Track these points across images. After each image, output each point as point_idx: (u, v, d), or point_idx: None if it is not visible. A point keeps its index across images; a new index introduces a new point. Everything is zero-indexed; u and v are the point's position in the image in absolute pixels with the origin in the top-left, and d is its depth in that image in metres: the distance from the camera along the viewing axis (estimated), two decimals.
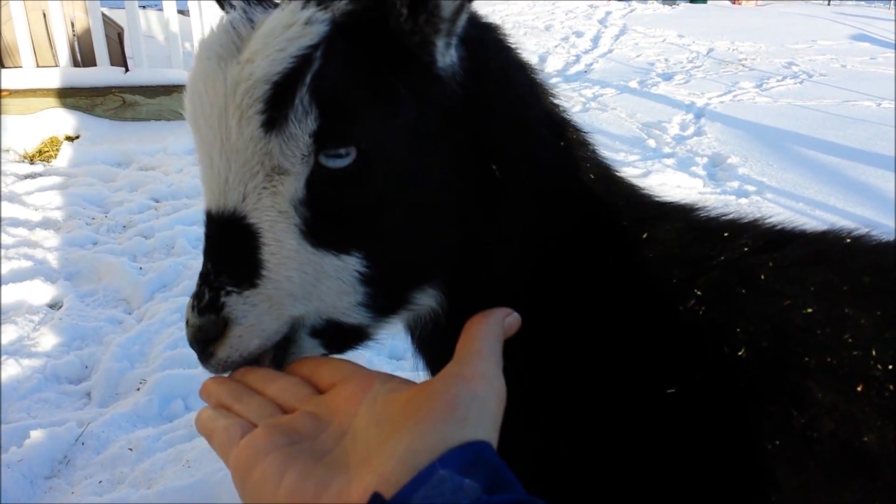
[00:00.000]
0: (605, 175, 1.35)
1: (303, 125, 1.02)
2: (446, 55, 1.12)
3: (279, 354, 1.13)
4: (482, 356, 0.93)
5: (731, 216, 1.34)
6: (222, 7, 1.22)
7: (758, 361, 1.13)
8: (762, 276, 1.20)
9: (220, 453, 0.96)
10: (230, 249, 1.08)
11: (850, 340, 1.11)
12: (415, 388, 0.90)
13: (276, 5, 1.14)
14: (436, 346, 1.30)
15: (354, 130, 1.04)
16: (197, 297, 1.09)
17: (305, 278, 1.09)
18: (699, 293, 1.20)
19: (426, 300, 1.22)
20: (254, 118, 1.04)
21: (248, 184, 1.06)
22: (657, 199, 1.38)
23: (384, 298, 1.16)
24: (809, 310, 1.15)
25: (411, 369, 1.37)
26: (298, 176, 1.06)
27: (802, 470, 1.08)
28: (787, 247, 1.25)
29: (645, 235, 1.28)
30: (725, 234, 1.28)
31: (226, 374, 1.11)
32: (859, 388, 1.08)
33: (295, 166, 1.05)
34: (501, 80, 1.22)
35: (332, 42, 1.05)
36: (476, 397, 0.85)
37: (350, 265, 1.10)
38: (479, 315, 1.01)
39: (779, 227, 1.32)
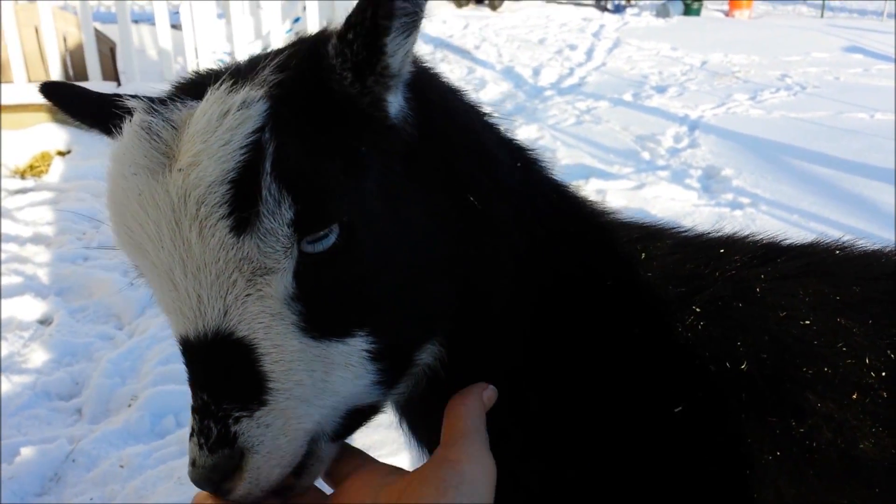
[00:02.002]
0: (566, 194, 1.34)
1: (278, 217, 0.94)
2: (395, 103, 1.07)
3: (297, 469, 1.05)
4: (467, 437, 0.96)
5: (717, 234, 1.35)
6: (109, 133, 1.11)
7: (759, 374, 1.13)
8: (757, 290, 1.20)
9: None
10: (225, 372, 0.98)
11: (844, 349, 1.12)
12: (409, 476, 0.94)
13: (181, 100, 1.03)
14: (427, 405, 1.22)
15: (332, 207, 0.97)
16: (202, 433, 0.97)
17: (316, 376, 1.00)
18: (698, 309, 1.20)
19: (427, 358, 1.16)
20: (218, 225, 0.94)
21: (227, 297, 0.97)
22: (624, 215, 1.38)
23: (394, 370, 1.10)
24: (806, 321, 1.15)
25: None
26: (285, 272, 0.97)
27: (802, 479, 1.08)
28: (779, 259, 1.25)
29: (643, 256, 1.27)
30: (721, 251, 1.28)
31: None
32: (854, 397, 1.09)
33: (279, 262, 0.96)
34: (446, 111, 1.19)
35: (278, 119, 0.97)
36: (464, 479, 0.89)
37: (357, 347, 1.02)
38: (458, 395, 1.04)
39: (768, 240, 1.32)
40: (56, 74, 8.60)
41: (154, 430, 3.65)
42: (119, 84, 8.72)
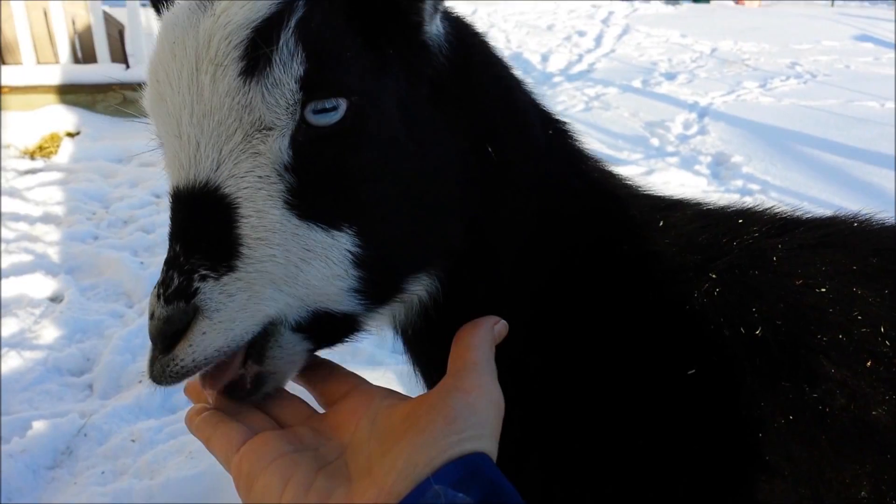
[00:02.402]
0: (598, 166, 1.36)
1: (288, 68, 0.93)
2: (433, 22, 1.07)
3: (256, 353, 1.01)
4: (477, 367, 0.93)
5: (736, 206, 1.36)
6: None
7: (773, 339, 1.14)
8: (774, 259, 1.21)
9: (219, 457, 0.94)
10: (203, 227, 0.95)
11: (859, 318, 1.12)
12: (413, 402, 0.90)
13: None
14: (427, 343, 1.25)
15: (344, 79, 0.96)
16: (163, 284, 0.94)
17: (290, 258, 0.97)
18: (714, 276, 1.20)
19: (419, 289, 1.15)
20: (230, 67, 0.94)
21: (223, 147, 0.95)
22: (653, 190, 1.39)
23: (378, 284, 1.06)
24: (822, 289, 1.15)
25: None
26: (283, 132, 0.95)
27: (814, 444, 1.08)
28: (797, 230, 1.26)
29: (661, 224, 1.28)
30: (739, 221, 1.29)
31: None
32: (868, 364, 1.09)
33: (280, 118, 0.95)
34: (486, 61, 1.20)
35: None
36: (474, 409, 0.86)
37: (341, 243, 0.99)
38: (469, 325, 0.99)
39: (788, 213, 1.33)
40: (65, 56, 8.62)
41: (165, 406, 3.67)
42: (128, 66, 8.71)
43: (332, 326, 1.06)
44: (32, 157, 7.67)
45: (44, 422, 3.41)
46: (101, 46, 8.72)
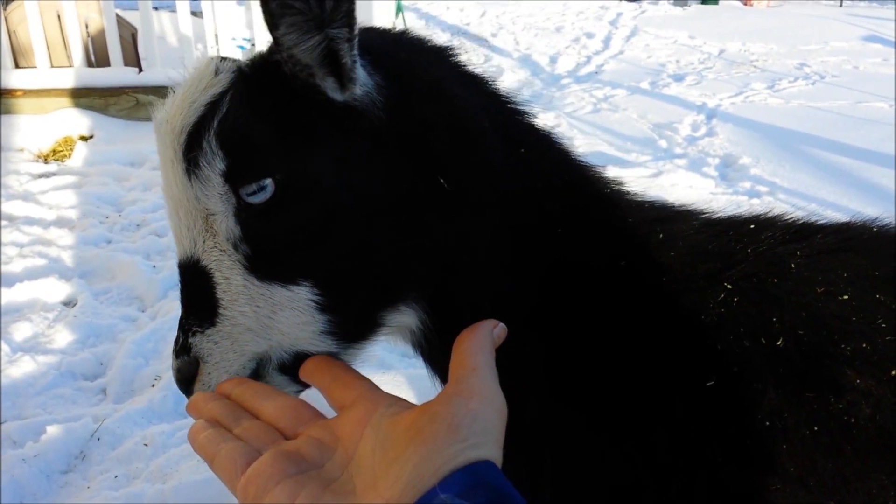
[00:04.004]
0: (585, 176, 1.35)
1: (212, 167, 1.09)
2: (351, 88, 1.12)
3: None
4: (477, 373, 0.92)
5: (745, 213, 1.35)
6: None
7: (796, 350, 1.13)
8: (792, 266, 1.20)
9: (224, 480, 0.95)
10: (193, 293, 1.16)
11: (883, 326, 1.12)
12: (416, 411, 0.90)
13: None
14: (438, 357, 1.30)
15: (262, 164, 1.09)
16: (176, 341, 1.17)
17: (260, 312, 1.13)
18: (729, 286, 1.20)
19: (404, 319, 1.22)
20: (179, 166, 1.12)
21: (193, 230, 1.14)
22: (647, 197, 1.38)
23: (349, 324, 1.18)
24: (844, 297, 1.15)
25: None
26: (225, 214, 1.12)
27: (839, 455, 1.08)
28: (815, 236, 1.25)
29: (661, 236, 1.27)
30: (751, 227, 1.28)
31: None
32: (893, 373, 1.09)
33: (218, 206, 1.11)
34: (433, 97, 1.22)
35: (237, 87, 1.13)
36: (476, 416, 0.85)
37: (301, 295, 1.13)
38: (467, 331, 1.00)
39: (802, 219, 1.32)
40: (78, 60, 8.66)
41: (177, 410, 3.69)
42: (140, 70, 8.76)
43: None
44: (46, 160, 7.71)
45: (57, 426, 3.43)
46: (114, 50, 8.75)
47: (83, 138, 8.07)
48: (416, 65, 1.25)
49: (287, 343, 1.16)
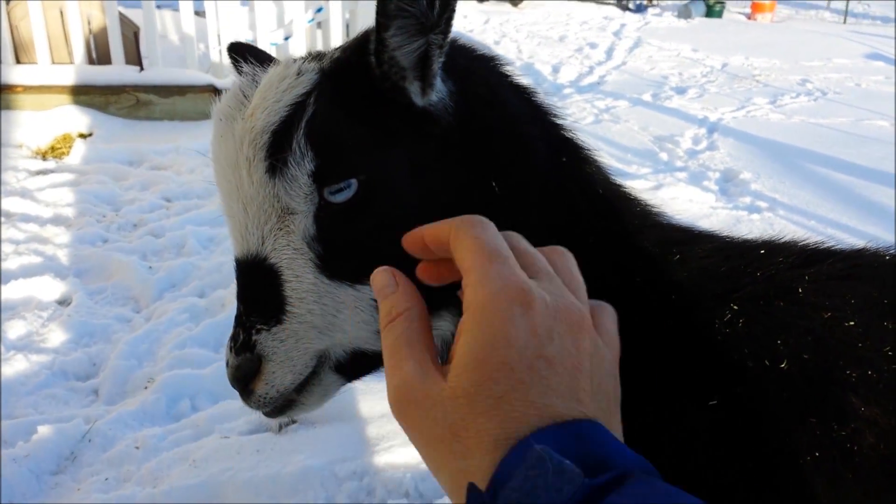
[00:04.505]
0: (616, 192, 1.36)
1: (301, 167, 1.11)
2: (429, 94, 1.17)
3: (300, 389, 1.21)
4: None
5: (763, 238, 1.34)
6: (237, 70, 1.35)
7: (800, 374, 1.12)
8: (800, 290, 1.20)
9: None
10: (257, 290, 1.17)
11: (889, 353, 1.11)
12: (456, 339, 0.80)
13: (271, 66, 1.24)
14: None
15: (349, 164, 1.12)
16: (233, 338, 1.17)
17: (326, 310, 1.15)
18: (735, 307, 1.19)
19: (442, 325, 1.22)
20: (258, 166, 1.13)
21: (263, 227, 1.15)
22: (675, 219, 1.38)
23: None
24: (851, 322, 1.14)
25: None
26: (306, 214, 1.14)
27: (840, 482, 1.07)
28: (825, 262, 1.24)
29: (677, 257, 1.27)
30: (761, 252, 1.28)
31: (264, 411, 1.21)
32: None
33: (301, 205, 1.13)
34: (491, 103, 1.27)
35: (322, 88, 1.14)
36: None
37: (367, 294, 1.15)
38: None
39: (814, 245, 1.31)
40: (79, 57, 8.66)
41: (170, 413, 3.68)
42: (142, 68, 8.74)
43: (366, 363, 1.24)
44: (44, 157, 7.70)
45: (49, 426, 3.42)
46: (116, 48, 8.74)
47: (82, 136, 8.05)
48: (477, 72, 1.29)
49: (347, 341, 1.19)
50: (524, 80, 1.38)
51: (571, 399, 0.72)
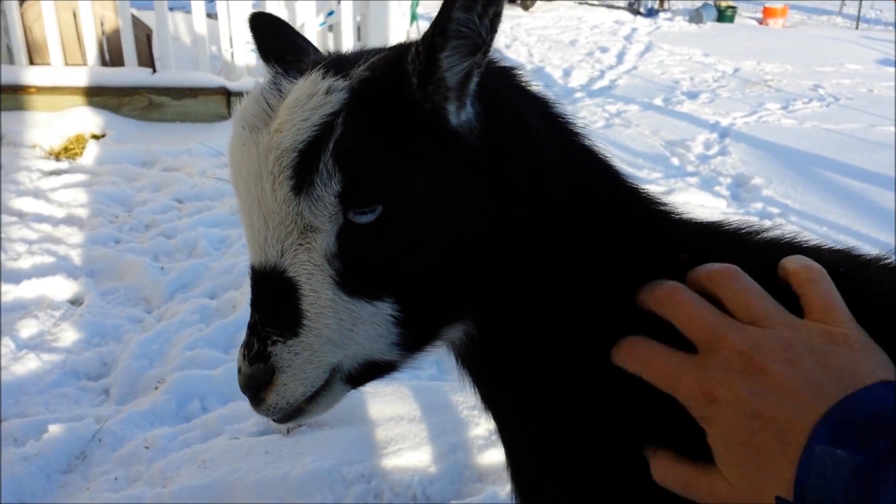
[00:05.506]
0: (628, 196, 1.34)
1: (328, 188, 1.10)
2: (461, 114, 1.16)
3: (310, 400, 1.23)
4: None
5: (786, 238, 1.32)
6: (257, 46, 1.40)
7: None
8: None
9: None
10: (273, 301, 1.17)
11: None
12: None
13: (297, 75, 1.22)
14: (475, 364, 1.35)
15: (377, 190, 1.11)
16: (247, 346, 1.18)
17: (343, 325, 1.17)
18: None
19: (455, 334, 1.27)
20: (284, 183, 1.12)
21: (284, 241, 1.15)
22: (698, 222, 1.36)
23: (416, 338, 1.23)
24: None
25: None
26: (329, 233, 1.14)
27: None
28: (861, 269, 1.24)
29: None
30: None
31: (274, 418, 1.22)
32: None
33: (324, 224, 1.13)
34: (515, 126, 1.25)
35: (352, 108, 1.12)
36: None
37: (384, 311, 1.17)
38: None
39: (844, 250, 1.30)
40: (92, 58, 8.71)
41: (180, 414, 3.69)
42: (154, 71, 8.78)
43: (376, 370, 1.26)
44: (58, 158, 7.74)
45: (59, 425, 3.44)
46: (129, 50, 8.79)
47: (95, 137, 8.10)
48: (501, 93, 1.26)
49: (360, 353, 1.21)
50: (544, 92, 1.35)
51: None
